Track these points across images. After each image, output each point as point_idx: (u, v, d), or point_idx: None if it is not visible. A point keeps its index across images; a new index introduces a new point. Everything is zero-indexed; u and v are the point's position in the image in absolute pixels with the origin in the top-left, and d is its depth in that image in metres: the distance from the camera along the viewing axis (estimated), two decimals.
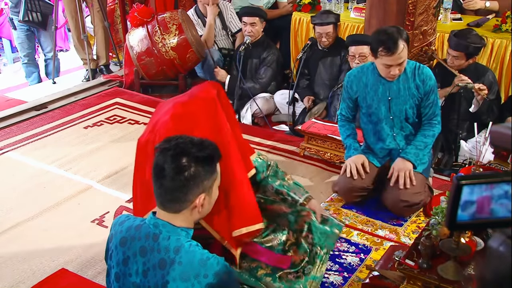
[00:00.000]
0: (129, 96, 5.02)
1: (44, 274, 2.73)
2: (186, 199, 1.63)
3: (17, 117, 4.59)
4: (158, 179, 1.62)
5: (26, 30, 5.66)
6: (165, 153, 1.61)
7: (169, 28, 4.83)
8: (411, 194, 3.08)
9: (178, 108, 2.17)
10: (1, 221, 3.18)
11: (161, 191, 1.63)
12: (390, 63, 2.96)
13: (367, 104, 3.17)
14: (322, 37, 4.35)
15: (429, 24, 3.85)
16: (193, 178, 1.60)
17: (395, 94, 3.09)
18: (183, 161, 1.59)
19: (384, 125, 3.17)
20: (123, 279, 1.67)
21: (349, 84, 3.21)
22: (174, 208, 1.64)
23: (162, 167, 1.60)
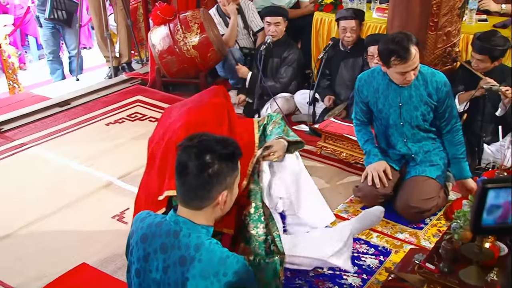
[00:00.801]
0: (150, 94, 5.05)
1: (65, 268, 2.76)
2: (209, 196, 1.63)
3: (41, 113, 4.65)
4: (181, 176, 1.63)
5: (51, 27, 5.74)
6: (189, 150, 1.62)
7: (191, 26, 4.85)
8: (421, 200, 3.03)
9: (191, 115, 2.18)
10: (24, 215, 3.23)
11: (184, 189, 1.63)
12: (405, 70, 2.89)
13: (378, 108, 3.12)
14: (346, 32, 4.28)
15: (453, 25, 3.79)
16: (217, 175, 1.61)
17: (406, 100, 3.03)
18: (207, 158, 1.60)
19: (394, 131, 3.13)
20: (143, 275, 1.68)
21: (360, 88, 3.16)
22: (197, 205, 1.64)
23: (186, 164, 1.61)
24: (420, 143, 3.14)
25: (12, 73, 5.60)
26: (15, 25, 6.82)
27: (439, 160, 3.13)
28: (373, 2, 4.94)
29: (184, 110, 2.25)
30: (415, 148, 3.14)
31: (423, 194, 3.04)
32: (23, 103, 4.84)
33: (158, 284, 1.65)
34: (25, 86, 5.84)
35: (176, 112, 2.32)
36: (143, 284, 1.69)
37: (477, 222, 1.32)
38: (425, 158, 3.14)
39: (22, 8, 7.06)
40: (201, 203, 1.64)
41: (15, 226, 3.14)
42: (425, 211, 3.07)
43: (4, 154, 3.98)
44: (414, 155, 3.15)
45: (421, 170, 3.10)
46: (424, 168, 3.11)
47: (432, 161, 3.12)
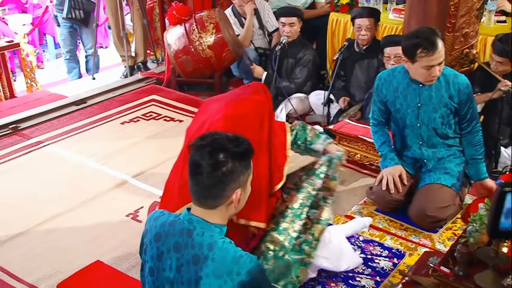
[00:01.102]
0: (165, 94, 5.07)
1: (80, 265, 2.79)
2: (223, 195, 1.63)
3: (57, 112, 4.70)
4: (194, 175, 1.63)
5: (69, 27, 5.81)
6: (202, 149, 1.62)
7: (207, 26, 4.86)
8: (437, 209, 2.98)
9: (230, 109, 2.18)
10: (40, 213, 3.27)
11: (197, 188, 1.64)
12: (431, 64, 2.82)
13: (396, 108, 3.09)
14: (361, 30, 4.24)
15: (471, 27, 3.75)
16: (230, 173, 1.61)
17: (425, 101, 2.98)
18: (220, 156, 1.60)
19: (411, 131, 3.08)
20: (157, 273, 1.69)
21: (379, 87, 3.13)
22: (210, 204, 1.64)
23: (199, 163, 1.61)
24: (434, 149, 3.09)
25: (30, 71, 5.67)
26: (34, 24, 6.91)
27: (454, 167, 3.07)
28: (390, 3, 4.91)
29: (223, 104, 2.25)
30: (428, 153, 3.09)
31: (439, 202, 2.98)
32: (40, 102, 4.91)
33: (172, 283, 1.66)
34: (43, 85, 5.91)
35: (214, 105, 2.32)
36: (156, 282, 1.70)
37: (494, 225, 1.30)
38: (438, 165, 3.08)
39: (40, 7, 7.14)
40: (215, 202, 1.64)
41: (31, 223, 3.18)
42: (441, 220, 3.02)
43: (21, 152, 4.03)
44: (426, 160, 3.10)
45: (436, 178, 3.04)
46: (439, 175, 3.04)
47: (447, 168, 3.06)
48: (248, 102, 2.23)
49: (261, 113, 2.21)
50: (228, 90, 5.28)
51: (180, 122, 4.53)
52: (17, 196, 3.45)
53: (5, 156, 3.97)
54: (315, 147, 2.60)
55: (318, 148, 2.60)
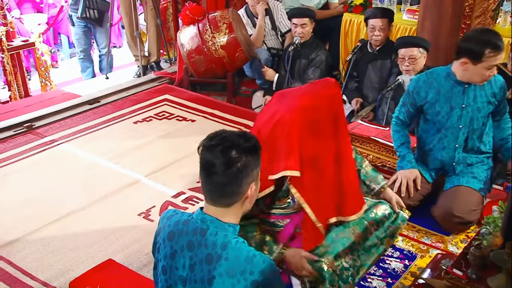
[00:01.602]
0: (178, 93, 5.09)
1: (92, 263, 2.81)
2: (240, 191, 1.65)
3: (71, 111, 4.74)
4: (208, 175, 1.64)
5: (83, 26, 5.87)
6: (213, 149, 1.63)
7: (220, 27, 4.87)
8: (467, 210, 2.95)
9: (305, 100, 2.23)
10: (53, 211, 3.30)
11: (212, 187, 1.65)
12: (495, 63, 2.79)
13: (435, 111, 3.02)
14: (375, 30, 4.22)
15: None
16: (245, 169, 1.63)
17: (470, 101, 2.95)
18: (233, 153, 1.62)
19: (450, 133, 3.03)
20: (170, 272, 1.70)
21: (416, 90, 3.05)
22: (225, 202, 1.66)
23: (212, 163, 1.62)
24: (467, 154, 3.04)
25: (44, 70, 5.73)
26: (49, 24, 6.98)
27: (481, 172, 3.05)
28: (404, 4, 4.89)
29: (296, 95, 2.29)
30: (459, 157, 3.05)
31: (468, 205, 2.95)
32: (54, 100, 4.95)
33: (185, 282, 1.67)
34: (57, 84, 5.97)
35: (287, 97, 2.34)
36: (169, 281, 1.71)
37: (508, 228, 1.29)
38: (466, 170, 3.05)
39: (55, 7, 7.22)
40: (230, 199, 1.65)
41: (44, 221, 3.20)
42: (469, 223, 2.98)
43: (35, 150, 4.07)
44: (455, 163, 3.06)
45: (466, 181, 3.01)
46: (468, 179, 3.02)
47: (474, 173, 3.03)
48: (320, 94, 2.27)
49: (331, 106, 2.26)
50: (240, 90, 5.30)
51: (192, 122, 4.54)
52: (31, 195, 3.48)
53: (19, 154, 4.01)
54: (371, 185, 2.64)
55: (373, 186, 2.64)
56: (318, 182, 2.30)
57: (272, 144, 2.24)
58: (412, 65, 3.68)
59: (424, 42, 3.65)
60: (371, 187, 2.64)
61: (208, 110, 4.74)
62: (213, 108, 4.78)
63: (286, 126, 2.21)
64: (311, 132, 2.24)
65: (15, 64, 5.25)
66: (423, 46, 3.65)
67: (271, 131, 2.25)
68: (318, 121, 2.22)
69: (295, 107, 2.22)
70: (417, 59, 3.66)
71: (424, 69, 3.67)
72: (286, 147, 2.22)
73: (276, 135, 2.24)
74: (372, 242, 2.52)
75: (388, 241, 2.62)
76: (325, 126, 2.24)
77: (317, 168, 2.28)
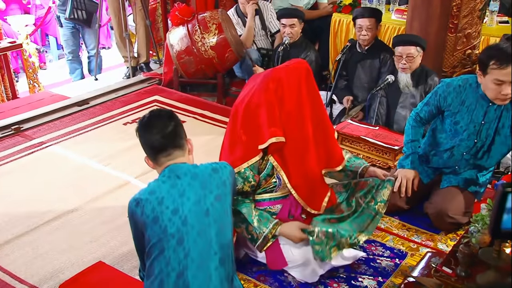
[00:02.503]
0: (168, 94, 5.09)
1: (82, 266, 2.80)
2: (183, 137, 2.11)
3: (60, 112, 4.72)
4: (160, 131, 2.05)
5: (71, 27, 5.83)
6: (151, 120, 2.10)
7: (209, 27, 4.88)
8: (461, 212, 2.97)
9: (277, 72, 2.46)
10: (43, 213, 3.28)
11: (166, 138, 2.06)
12: (502, 79, 2.64)
13: (455, 120, 2.95)
14: (362, 30, 4.23)
15: (474, 27, 3.76)
16: (180, 124, 2.13)
17: (491, 120, 2.85)
18: (167, 112, 2.16)
19: (463, 143, 2.95)
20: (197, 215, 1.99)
21: (444, 94, 2.94)
22: (180, 147, 2.08)
23: (156, 124, 2.08)
24: (474, 163, 3.01)
25: (32, 72, 5.69)
26: (36, 25, 6.93)
27: (480, 177, 3.05)
28: (392, 4, 4.92)
29: (268, 72, 2.51)
30: (464, 163, 3.01)
31: (463, 206, 2.96)
32: (42, 102, 4.93)
33: (207, 212, 1.99)
34: (45, 85, 5.93)
35: (258, 77, 2.55)
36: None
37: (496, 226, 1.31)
38: (465, 173, 3.04)
39: (43, 8, 7.17)
40: (182, 143, 2.10)
41: (33, 224, 3.19)
42: (460, 225, 3.00)
43: (23, 152, 4.05)
44: (457, 167, 3.03)
45: (462, 183, 3.03)
46: (466, 181, 3.03)
47: (473, 176, 3.03)
48: (290, 69, 2.52)
49: (302, 75, 2.50)
50: (230, 91, 5.31)
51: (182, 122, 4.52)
52: (19, 197, 3.47)
53: (7, 157, 3.98)
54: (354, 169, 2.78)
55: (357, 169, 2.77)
56: (296, 149, 2.47)
57: (252, 117, 2.44)
58: (409, 63, 3.69)
59: (422, 41, 3.67)
60: (354, 169, 2.77)
61: (198, 111, 4.74)
62: (203, 109, 4.78)
63: (261, 97, 2.41)
64: (281, 102, 2.41)
65: (2, 66, 5.21)
66: (420, 45, 3.67)
67: (247, 105, 2.45)
68: (287, 91, 2.42)
69: (268, 80, 2.42)
70: (414, 57, 3.67)
71: (419, 68, 3.71)
72: (267, 115, 2.40)
73: (252, 107, 2.44)
74: (363, 211, 2.64)
75: (381, 207, 2.67)
76: (295, 95, 2.43)
77: (292, 136, 2.45)
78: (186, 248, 1.94)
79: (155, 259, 1.97)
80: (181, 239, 1.95)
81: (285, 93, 2.41)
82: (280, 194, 2.55)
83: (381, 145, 3.64)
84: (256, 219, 2.44)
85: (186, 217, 1.97)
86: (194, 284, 1.93)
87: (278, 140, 2.41)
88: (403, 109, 3.84)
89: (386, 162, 3.62)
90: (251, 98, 2.45)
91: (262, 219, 2.46)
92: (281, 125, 2.42)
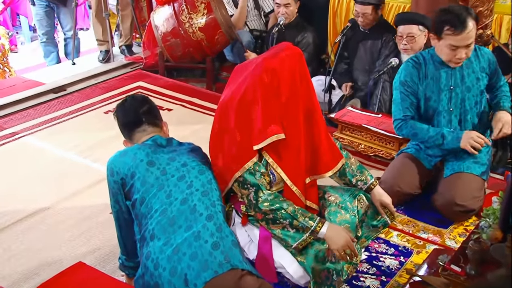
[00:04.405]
0: (152, 80, 5.07)
1: (60, 267, 2.80)
2: (159, 118, 2.53)
3: (34, 100, 4.70)
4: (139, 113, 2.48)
5: (45, 6, 5.76)
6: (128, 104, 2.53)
7: (197, 6, 4.85)
8: (469, 198, 3.01)
9: (269, 62, 2.39)
10: (17, 210, 3.27)
11: (142, 115, 2.48)
12: (457, 44, 2.89)
13: (427, 96, 3.11)
14: (359, 16, 4.29)
15: (485, 5, 3.76)
16: (155, 107, 2.57)
17: (458, 81, 3.05)
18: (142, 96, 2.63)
19: (442, 118, 3.12)
20: (164, 182, 2.33)
21: (408, 78, 3.11)
22: (155, 126, 2.49)
23: (131, 103, 2.53)
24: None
25: (2, 56, 5.66)
26: (5, 3, 6.87)
27: (483, 156, 3.12)
28: None
29: (257, 62, 2.44)
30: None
31: (471, 192, 3.01)
32: (14, 89, 4.89)
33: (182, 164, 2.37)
34: (17, 70, 5.90)
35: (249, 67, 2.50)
36: (165, 188, 2.30)
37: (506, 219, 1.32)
38: (467, 154, 3.08)
39: None
40: (158, 120, 2.52)
41: (6, 222, 3.18)
42: (471, 211, 3.04)
43: None
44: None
45: (466, 167, 3.07)
46: (468, 164, 3.08)
47: (476, 157, 3.09)
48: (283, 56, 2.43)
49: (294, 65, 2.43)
50: (221, 76, 5.30)
51: (169, 111, 4.53)
52: None
53: None
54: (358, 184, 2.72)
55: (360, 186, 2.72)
56: (291, 143, 2.44)
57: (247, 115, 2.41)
58: (411, 43, 3.70)
59: (425, 19, 3.67)
60: (358, 186, 2.72)
61: (186, 98, 4.73)
62: (191, 95, 4.78)
63: (257, 91, 2.38)
64: (277, 94, 2.38)
65: None
66: (423, 24, 3.68)
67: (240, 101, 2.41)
68: (283, 81, 2.38)
69: (261, 71, 2.37)
70: (415, 37, 3.69)
71: (424, 49, 3.71)
72: (264, 112, 2.37)
73: (247, 102, 2.40)
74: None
75: (363, 242, 2.75)
76: (290, 85, 2.40)
77: (287, 129, 2.42)
78: (188, 181, 2.31)
79: (153, 197, 2.27)
80: (182, 176, 2.33)
81: (281, 84, 2.38)
82: (275, 190, 2.54)
83: (384, 134, 3.65)
84: (300, 213, 2.44)
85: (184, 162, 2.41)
86: (200, 207, 2.26)
87: (278, 138, 2.39)
88: None
89: (390, 152, 3.64)
90: (245, 94, 2.41)
91: (306, 214, 2.46)
92: (280, 121, 2.40)
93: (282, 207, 2.42)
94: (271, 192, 2.44)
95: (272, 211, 2.40)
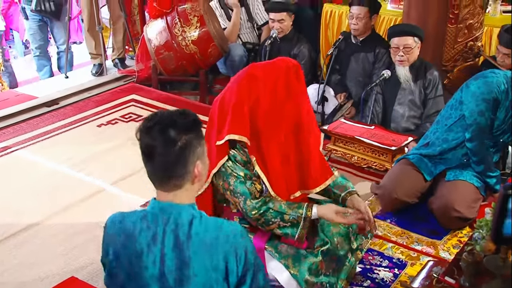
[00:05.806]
0: (146, 93, 5.07)
1: (52, 282, 2.78)
2: (186, 171, 1.69)
3: (27, 114, 4.68)
4: (151, 159, 1.68)
5: (38, 20, 5.76)
6: (151, 131, 1.68)
7: (190, 20, 4.87)
8: (467, 205, 3.02)
9: (255, 69, 2.41)
10: (9, 224, 3.25)
11: (157, 171, 1.70)
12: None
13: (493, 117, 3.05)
14: (353, 18, 4.28)
15: (476, 17, 3.80)
16: (187, 147, 1.67)
17: None
18: (172, 132, 1.65)
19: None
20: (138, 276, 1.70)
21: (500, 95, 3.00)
22: (176, 184, 1.69)
23: (152, 145, 1.66)
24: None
25: None
26: None
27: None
28: None
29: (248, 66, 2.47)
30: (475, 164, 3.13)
31: (469, 200, 3.03)
32: (7, 103, 4.88)
33: (159, 278, 1.67)
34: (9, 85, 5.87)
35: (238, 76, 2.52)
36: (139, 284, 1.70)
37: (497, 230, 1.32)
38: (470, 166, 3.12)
39: None
40: (179, 181, 1.69)
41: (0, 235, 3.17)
42: (466, 220, 3.05)
43: None
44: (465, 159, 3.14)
45: (469, 177, 3.09)
46: (470, 176, 3.10)
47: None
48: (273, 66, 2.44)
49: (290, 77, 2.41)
50: (214, 88, 5.31)
51: None
52: None
53: None
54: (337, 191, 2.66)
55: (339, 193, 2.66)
56: (274, 155, 2.44)
57: (224, 114, 2.42)
58: (407, 55, 3.71)
59: (419, 31, 3.71)
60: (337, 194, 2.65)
61: None
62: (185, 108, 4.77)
63: (233, 93, 2.39)
64: (266, 102, 2.38)
65: None
66: (418, 35, 3.70)
67: (221, 101, 2.44)
68: (263, 91, 2.37)
69: (244, 76, 2.39)
70: (412, 48, 3.70)
71: (418, 61, 3.74)
72: (233, 113, 2.38)
73: (224, 104, 2.43)
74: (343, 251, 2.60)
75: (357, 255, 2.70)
76: (271, 96, 2.38)
77: (270, 140, 2.42)
78: None
79: None
80: None
81: (260, 92, 2.37)
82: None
83: (377, 145, 3.66)
84: (286, 206, 2.44)
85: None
86: None
87: (240, 138, 2.38)
88: (401, 106, 3.87)
89: (383, 164, 3.65)
90: (224, 95, 2.46)
91: (292, 205, 2.45)
92: (249, 125, 2.39)
93: (269, 208, 2.42)
94: (258, 200, 2.43)
95: (261, 215, 2.40)
